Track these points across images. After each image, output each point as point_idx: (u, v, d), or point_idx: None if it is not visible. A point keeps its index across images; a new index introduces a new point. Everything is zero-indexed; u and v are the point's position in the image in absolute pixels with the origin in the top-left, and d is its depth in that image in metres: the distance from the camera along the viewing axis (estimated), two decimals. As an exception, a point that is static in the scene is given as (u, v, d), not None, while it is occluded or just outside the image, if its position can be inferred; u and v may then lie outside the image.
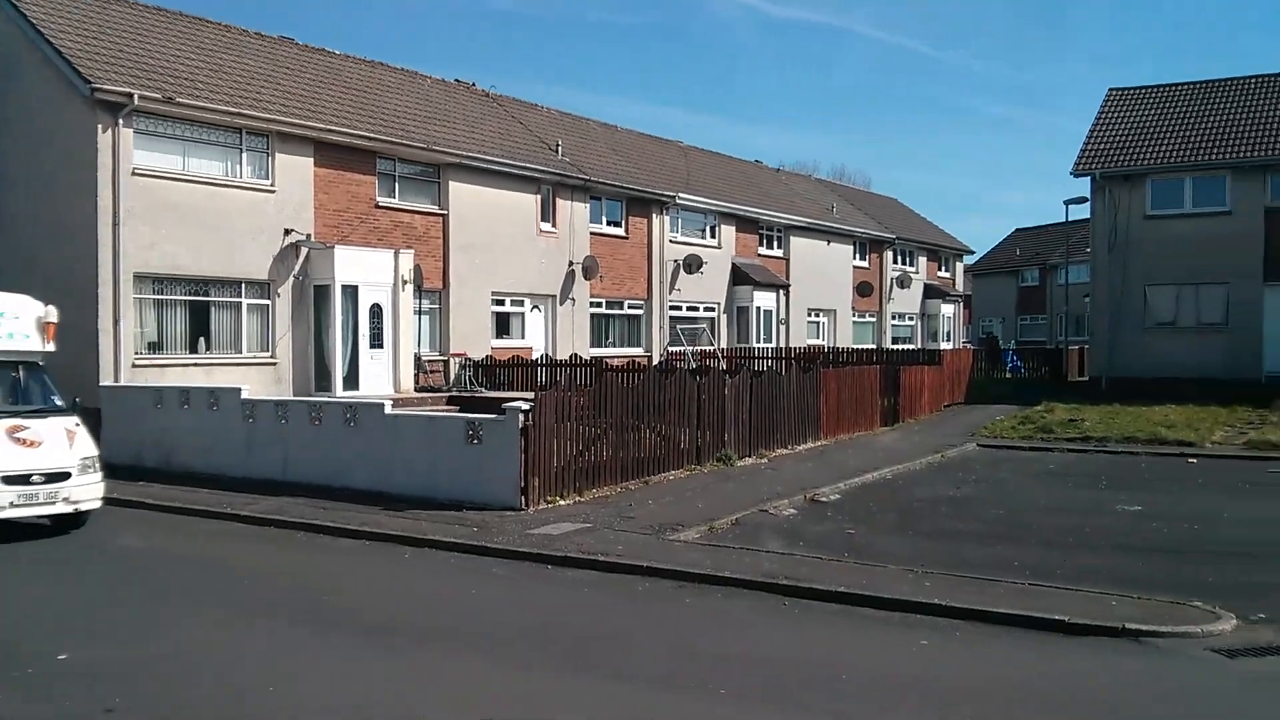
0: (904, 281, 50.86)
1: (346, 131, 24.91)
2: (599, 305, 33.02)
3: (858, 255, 47.49)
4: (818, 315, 44.66)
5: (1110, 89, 36.96)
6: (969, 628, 9.80)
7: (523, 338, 30.35)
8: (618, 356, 30.61)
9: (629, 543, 13.03)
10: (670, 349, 34.53)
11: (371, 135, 25.52)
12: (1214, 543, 13.57)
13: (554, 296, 31.02)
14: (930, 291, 53.79)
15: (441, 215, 27.60)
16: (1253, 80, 34.22)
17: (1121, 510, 15.96)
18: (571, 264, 31.19)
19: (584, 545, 12.80)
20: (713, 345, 36.13)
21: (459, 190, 27.95)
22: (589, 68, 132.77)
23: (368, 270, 24.42)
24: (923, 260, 54.24)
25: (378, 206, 25.96)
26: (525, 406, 15.31)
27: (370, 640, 9.30)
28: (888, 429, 26.40)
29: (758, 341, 38.48)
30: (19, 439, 13.60)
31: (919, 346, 47.80)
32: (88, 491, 13.97)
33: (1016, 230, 78.78)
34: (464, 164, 27.83)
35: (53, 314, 15.02)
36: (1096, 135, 34.33)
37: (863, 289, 46.93)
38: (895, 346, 45.09)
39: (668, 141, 42.52)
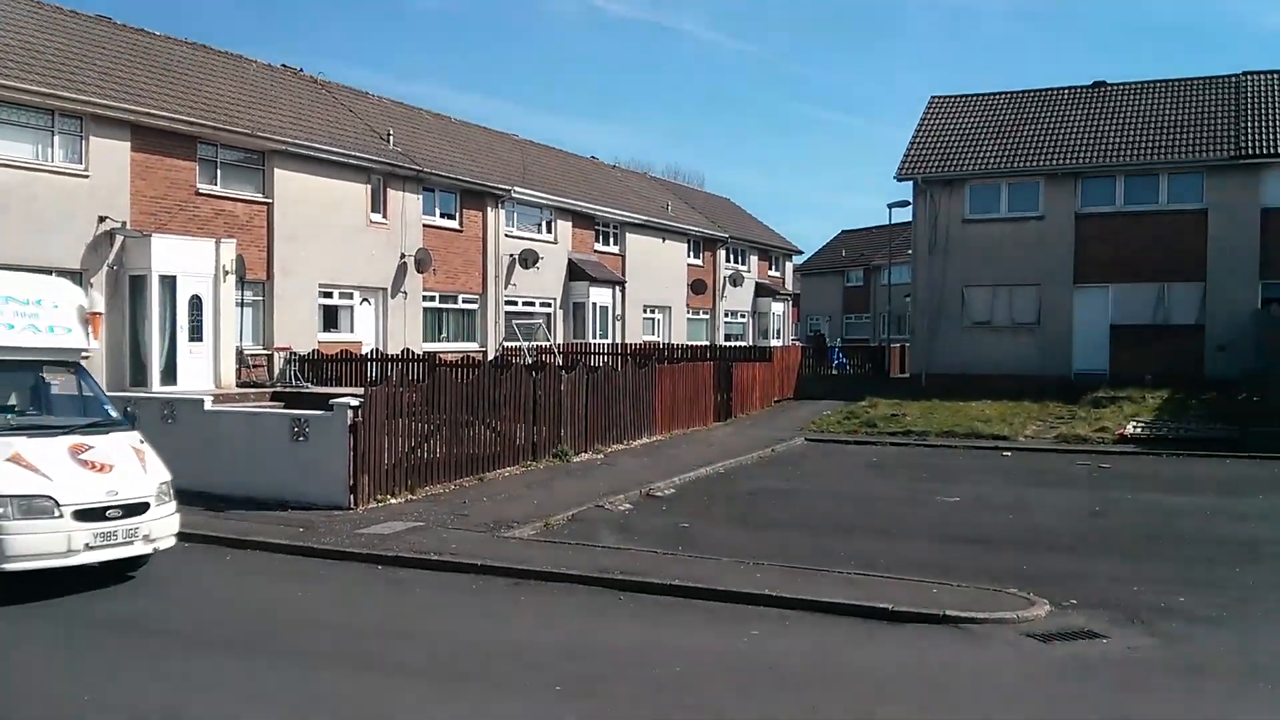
0: (737, 280, 51.80)
1: (166, 115, 23.76)
2: (432, 299, 32.46)
3: (692, 253, 48.10)
4: (653, 312, 45.03)
5: (932, 96, 38.31)
6: (798, 617, 9.98)
7: (352, 332, 29.55)
8: (452, 352, 30.14)
9: (463, 540, 12.82)
10: (506, 345, 34.23)
11: (192, 120, 24.40)
12: (1028, 532, 14.22)
13: (385, 289, 30.33)
14: (761, 290, 54.95)
15: (266, 204, 26.64)
16: (1066, 91, 36.04)
17: (941, 501, 16.58)
18: (403, 256, 30.56)
19: (416, 544, 12.52)
20: (549, 341, 35.99)
21: (285, 178, 27.02)
22: (422, 58, 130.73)
23: (187, 260, 23.33)
24: (754, 259, 55.35)
25: (198, 194, 24.84)
26: (354, 402, 14.89)
27: (175, 650, 8.86)
28: (721, 424, 26.80)
29: (594, 337, 38.53)
30: (85, 461, 10.70)
31: (751, 344, 48.72)
32: (166, 526, 11.17)
33: (843, 232, 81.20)
34: (290, 151, 26.92)
35: (97, 302, 12.74)
36: (919, 141, 35.58)
37: (697, 286, 47.57)
38: (728, 343, 45.82)
39: (504, 134, 42.15)
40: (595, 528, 14.20)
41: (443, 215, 33.01)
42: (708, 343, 44.84)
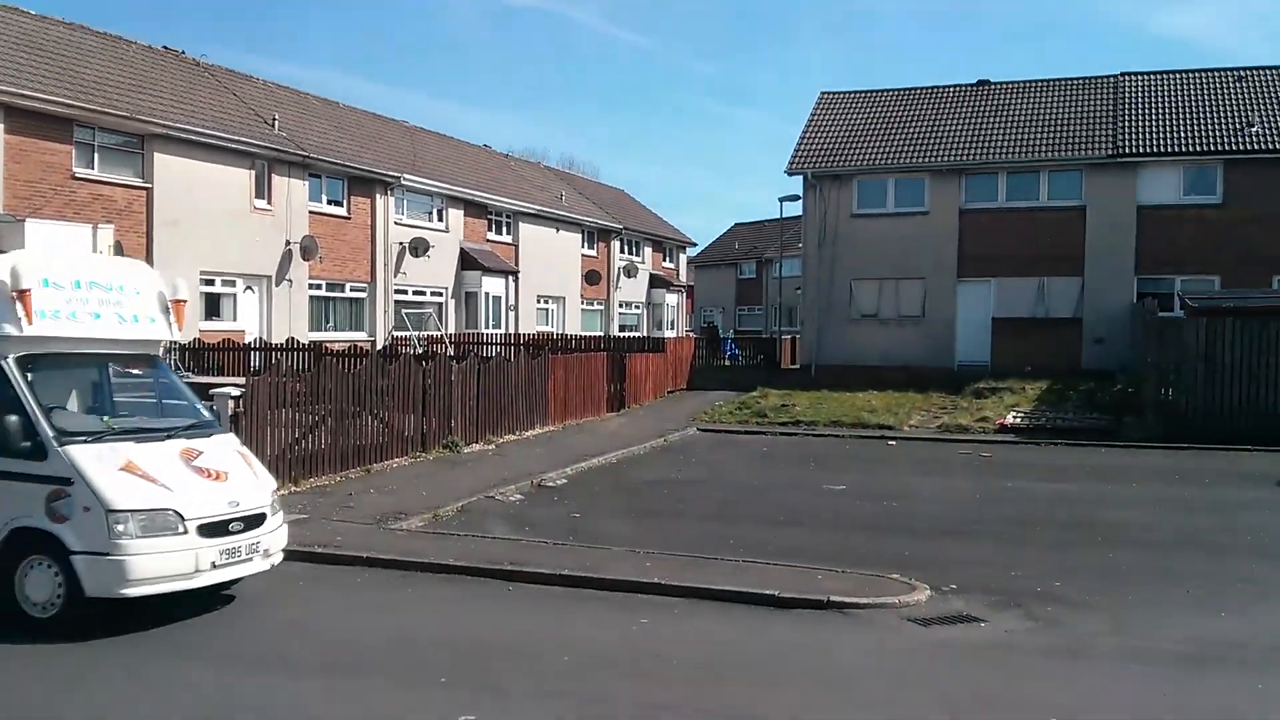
0: (631, 271, 51.88)
1: (40, 96, 22.82)
2: (319, 287, 31.80)
3: (586, 244, 48.02)
4: (547, 302, 44.84)
5: (822, 92, 38.80)
6: (687, 605, 10.03)
7: (235, 320, 28.79)
8: (340, 341, 29.58)
9: (349, 533, 12.58)
10: (396, 334, 33.72)
11: (69, 102, 23.48)
12: (910, 519, 14.52)
13: (269, 277, 29.61)
14: (656, 281, 55.16)
15: (146, 189, 25.79)
16: (952, 89, 36.84)
17: (828, 490, 16.83)
18: (289, 243, 29.87)
19: (299, 537, 12.17)
20: (440, 331, 35.57)
21: (165, 163, 26.19)
22: (311, 43, 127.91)
23: (63, 246, 22.39)
24: (648, 251, 55.51)
25: (75, 178, 23.94)
26: (235, 392, 14.51)
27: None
28: (615, 414, 26.81)
29: (487, 327, 38.20)
30: (199, 469, 9.48)
31: (645, 335, 48.86)
32: (280, 538, 10.06)
33: (736, 225, 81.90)
34: (171, 135, 26.09)
35: (181, 289, 10.96)
36: (809, 136, 36.02)
37: (591, 277, 47.52)
38: (622, 334, 45.90)
39: (393, 121, 41.46)
40: (485, 519, 14.07)
41: (330, 202, 32.39)
42: (602, 333, 44.81)
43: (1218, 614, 9.89)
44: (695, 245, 65.96)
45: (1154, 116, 32.26)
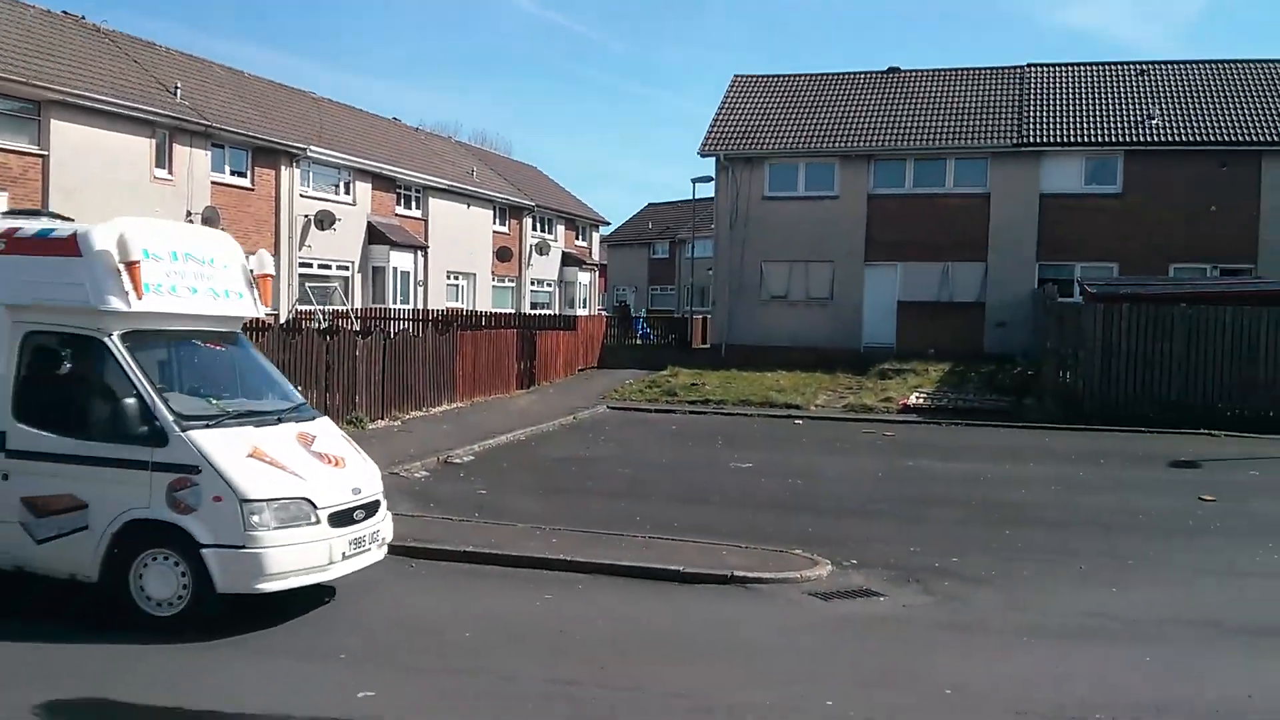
0: (543, 249, 51.60)
1: (-75, 56, 21.85)
2: (223, 260, 31.00)
3: (498, 221, 47.62)
4: (457, 278, 44.37)
5: (735, 75, 38.90)
6: (592, 580, 10.04)
7: (135, 292, 27.93)
8: (243, 315, 28.83)
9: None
10: (300, 308, 33.07)
11: (-42, 63, 22.54)
12: (814, 497, 14.70)
13: (172, 249, 28.77)
14: (568, 259, 54.95)
15: (41, 156, 24.87)
16: (862, 75, 37.19)
17: (735, 467, 16.97)
18: (190, 214, 29.03)
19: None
20: (346, 305, 34.99)
21: (63, 130, 25.27)
22: (216, 10, 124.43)
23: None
24: (561, 229, 55.27)
25: (-36, 144, 23.02)
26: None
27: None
28: (524, 391, 26.66)
29: (395, 302, 37.67)
30: (318, 454, 9.03)
31: (557, 312, 48.68)
32: (389, 527, 9.68)
33: (649, 205, 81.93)
34: (68, 102, 25.17)
35: (267, 263, 10.25)
36: (721, 118, 36.13)
37: (502, 254, 47.14)
38: (534, 312, 45.64)
39: (300, 91, 40.54)
40: (390, 496, 13.73)
41: (234, 173, 31.63)
42: (513, 311, 44.54)
43: (1109, 589, 10.20)
44: (609, 224, 65.94)
45: (1058, 107, 33.01)
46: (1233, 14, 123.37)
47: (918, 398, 25.22)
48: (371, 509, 9.17)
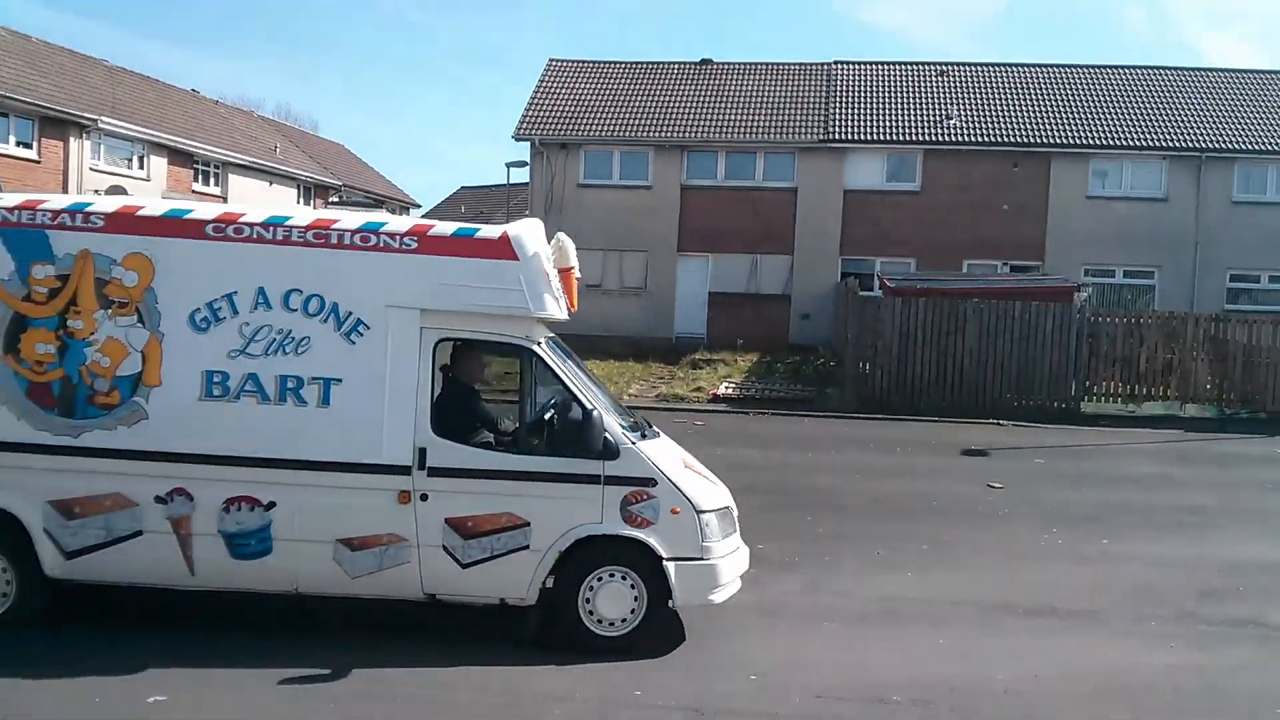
0: (351, 231, 50.17)
1: None
2: (0, 234, 28.89)
3: (302, 200, 46.04)
4: (259, 260, 42.61)
5: (550, 59, 38.45)
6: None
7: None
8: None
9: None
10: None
11: None
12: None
13: (-60, 220, 26.59)
14: (377, 243, 53.55)
15: None
16: (677, 65, 37.48)
17: (546, 456, 16.73)
18: (-36, 184, 26.96)
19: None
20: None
21: None
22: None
23: None
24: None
25: None
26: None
27: None
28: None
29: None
30: (692, 465, 8.71)
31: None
32: None
33: (463, 188, 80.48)
34: None
35: (571, 253, 8.78)
36: (536, 102, 35.77)
37: (308, 236, 45.59)
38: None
39: (94, 59, 38.14)
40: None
41: (19, 144, 29.69)
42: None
43: (905, 573, 10.51)
44: (419, 207, 64.59)
45: (862, 105, 34.10)
46: (1028, 19, 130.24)
47: (727, 387, 25.60)
48: None
